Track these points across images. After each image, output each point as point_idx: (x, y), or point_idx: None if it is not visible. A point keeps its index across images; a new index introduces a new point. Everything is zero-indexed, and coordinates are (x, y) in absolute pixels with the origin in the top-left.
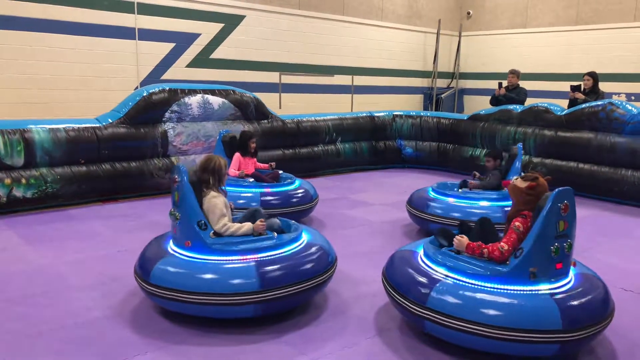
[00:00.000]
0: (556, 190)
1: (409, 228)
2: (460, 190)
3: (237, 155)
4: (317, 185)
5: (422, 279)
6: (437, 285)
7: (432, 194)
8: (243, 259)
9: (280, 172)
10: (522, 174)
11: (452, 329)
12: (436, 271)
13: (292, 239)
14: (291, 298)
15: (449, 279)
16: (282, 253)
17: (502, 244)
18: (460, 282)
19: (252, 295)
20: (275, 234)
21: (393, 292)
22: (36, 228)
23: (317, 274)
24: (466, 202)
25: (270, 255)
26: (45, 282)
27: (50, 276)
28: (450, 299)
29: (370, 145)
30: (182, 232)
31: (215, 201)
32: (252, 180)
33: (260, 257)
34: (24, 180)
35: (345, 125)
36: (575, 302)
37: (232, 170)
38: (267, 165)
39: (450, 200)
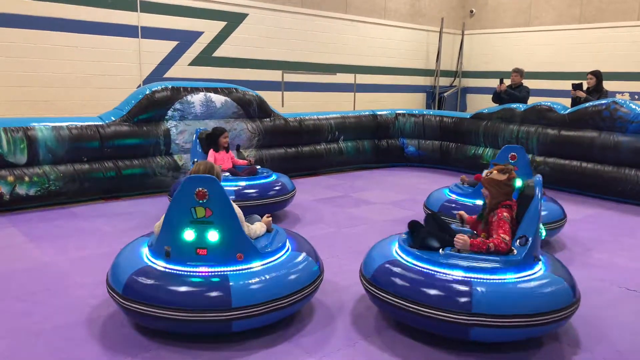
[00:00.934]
0: (539, 178)
1: None
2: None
3: (211, 151)
4: (319, 183)
5: (455, 286)
6: (473, 288)
7: None
8: (293, 253)
9: (258, 167)
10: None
11: (501, 328)
12: (455, 275)
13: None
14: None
15: (476, 279)
16: (305, 242)
17: (502, 235)
18: (490, 280)
19: (314, 284)
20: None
21: (418, 309)
22: (39, 225)
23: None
24: None
25: (304, 245)
26: (48, 280)
27: (53, 274)
28: (494, 299)
29: (373, 144)
30: (229, 247)
31: (236, 207)
32: (227, 174)
33: (301, 248)
34: (27, 178)
35: (347, 123)
36: (569, 275)
37: None
38: (245, 161)
39: None
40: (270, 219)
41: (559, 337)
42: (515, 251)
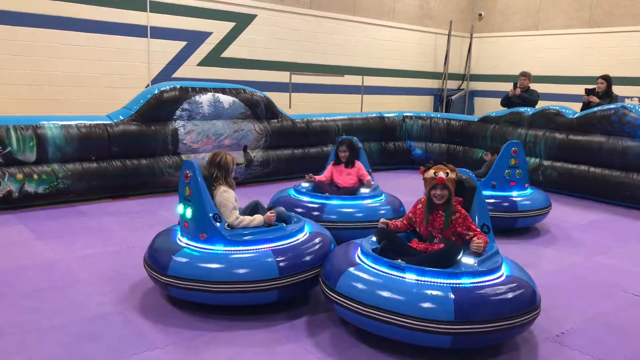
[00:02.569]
0: (471, 173)
1: None
2: None
3: (331, 163)
4: None
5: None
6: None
7: None
8: (259, 248)
9: (375, 184)
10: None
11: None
12: (509, 273)
13: (298, 229)
14: (306, 284)
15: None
16: (293, 242)
17: (477, 229)
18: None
19: (273, 281)
20: (284, 224)
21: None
22: (47, 223)
23: (316, 264)
24: None
25: (284, 244)
26: (55, 277)
27: (61, 271)
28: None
29: (380, 146)
30: (196, 225)
31: (226, 195)
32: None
33: (274, 246)
34: (35, 176)
35: (354, 125)
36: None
37: (317, 177)
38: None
39: None
40: (273, 214)
41: (565, 343)
42: (488, 240)
